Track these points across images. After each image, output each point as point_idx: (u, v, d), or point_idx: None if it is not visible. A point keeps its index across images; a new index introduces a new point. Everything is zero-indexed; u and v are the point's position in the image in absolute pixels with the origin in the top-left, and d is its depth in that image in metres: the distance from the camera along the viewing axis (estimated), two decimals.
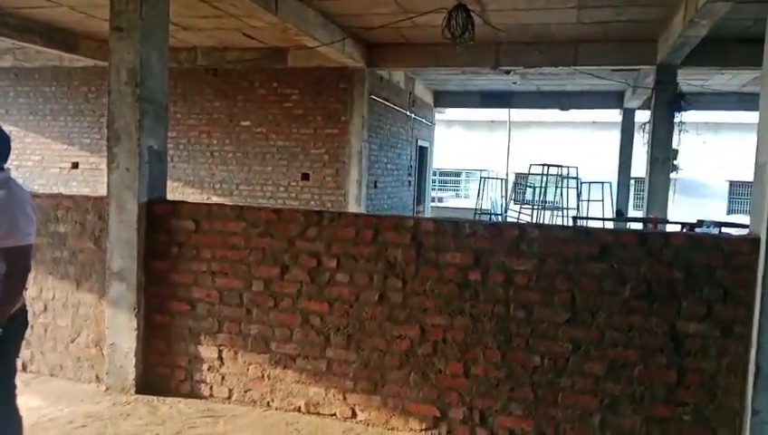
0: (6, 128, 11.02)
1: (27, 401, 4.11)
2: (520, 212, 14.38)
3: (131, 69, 4.22)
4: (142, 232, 4.30)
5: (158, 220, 4.32)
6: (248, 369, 4.18)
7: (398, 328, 3.88)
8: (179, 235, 4.28)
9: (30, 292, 4.61)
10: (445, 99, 14.56)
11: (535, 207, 13.54)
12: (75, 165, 10.62)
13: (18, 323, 2.77)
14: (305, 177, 9.68)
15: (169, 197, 4.35)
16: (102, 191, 4.45)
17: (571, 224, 8.97)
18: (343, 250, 3.95)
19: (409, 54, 9.15)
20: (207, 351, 4.26)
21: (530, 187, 14.93)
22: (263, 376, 4.16)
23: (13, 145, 11.05)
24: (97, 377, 4.48)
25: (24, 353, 4.64)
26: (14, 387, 2.80)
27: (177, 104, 10.10)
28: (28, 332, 4.73)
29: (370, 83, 9.59)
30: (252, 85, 9.79)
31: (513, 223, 3.98)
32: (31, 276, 2.77)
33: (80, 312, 4.54)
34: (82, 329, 4.54)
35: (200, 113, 10.04)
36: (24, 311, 2.83)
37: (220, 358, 4.23)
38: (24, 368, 4.64)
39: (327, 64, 9.15)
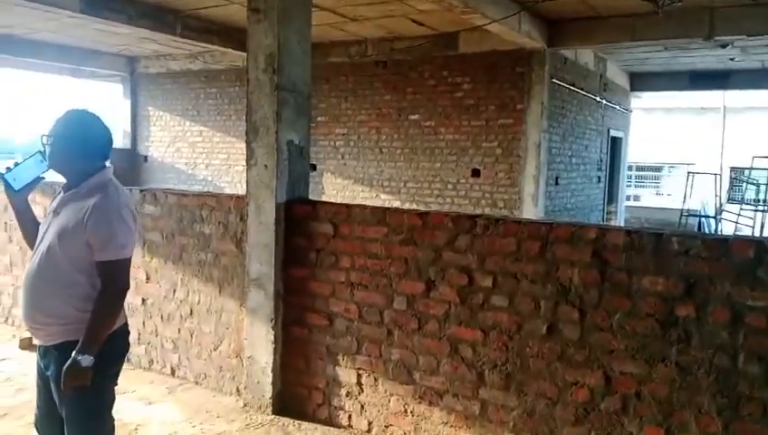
0: (197, 127, 11.60)
1: (165, 413, 3.93)
2: (739, 214, 12.06)
3: (269, 54, 3.80)
4: (281, 235, 3.88)
5: (297, 223, 3.87)
6: (389, 400, 3.56)
7: (574, 372, 2.97)
8: (318, 239, 3.78)
9: (178, 294, 4.48)
10: (643, 81, 12.68)
11: (759, 208, 11.23)
12: None
13: (115, 346, 2.40)
14: (476, 173, 8.88)
15: (339, 196, 3.90)
16: None
17: None
18: (501, 266, 3.13)
19: (598, 29, 7.86)
20: (346, 374, 3.71)
21: (752, 183, 12.51)
22: (405, 411, 3.50)
23: (203, 144, 11.58)
24: (237, 390, 4.18)
25: (173, 358, 4.52)
26: (111, 420, 2.43)
27: (348, 99, 9.91)
28: (176, 334, 4.68)
29: (552, 66, 8.47)
30: (421, 76, 9.22)
31: (746, 238, 2.83)
32: (178, 281, 2.34)
33: (222, 319, 4.28)
34: (224, 337, 4.27)
35: (370, 108, 9.74)
36: (123, 332, 2.45)
37: (359, 383, 3.66)
38: (173, 373, 4.52)
39: (501, 47, 8.25)
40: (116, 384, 2.46)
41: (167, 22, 8.01)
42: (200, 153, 11.59)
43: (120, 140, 12.81)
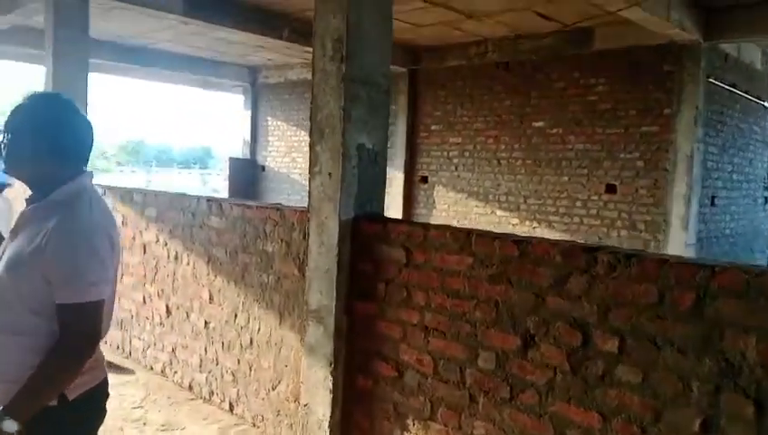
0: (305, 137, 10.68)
1: None
2: None
3: (337, 39, 3.09)
4: (345, 260, 3.14)
5: (365, 245, 3.11)
6: None
7: None
8: (387, 268, 2.99)
9: (239, 319, 3.90)
10: None
11: None
12: None
13: (82, 415, 1.76)
14: (611, 189, 7.60)
15: (451, 210, 3.12)
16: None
17: None
18: (633, 324, 2.14)
19: None
20: None
21: None
22: None
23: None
24: None
25: (232, 392, 3.95)
26: None
27: (465, 106, 9.05)
28: (235, 365, 4.10)
29: (709, 63, 7.02)
30: (548, 78, 8.14)
31: None
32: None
33: (281, 353, 3.63)
34: (283, 375, 3.61)
35: (488, 115, 8.80)
36: (95, 395, 1.80)
37: None
38: (231, 409, 3.94)
39: (646, 42, 6.97)
40: None
41: (273, 25, 7.69)
42: None
43: (240, 150, 12.93)
